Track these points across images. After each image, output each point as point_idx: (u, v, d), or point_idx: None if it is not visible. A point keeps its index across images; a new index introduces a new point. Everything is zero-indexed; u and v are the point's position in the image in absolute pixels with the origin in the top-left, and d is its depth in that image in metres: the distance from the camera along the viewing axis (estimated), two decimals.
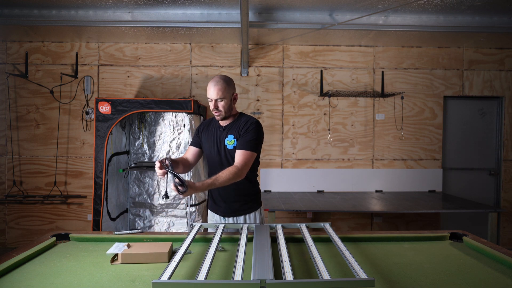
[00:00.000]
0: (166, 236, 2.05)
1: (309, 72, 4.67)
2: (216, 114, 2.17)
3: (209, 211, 2.40)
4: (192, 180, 3.73)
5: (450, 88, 4.72)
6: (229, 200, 2.25)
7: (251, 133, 2.15)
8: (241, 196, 2.26)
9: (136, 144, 4.47)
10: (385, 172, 4.71)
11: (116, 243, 1.84)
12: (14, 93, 4.52)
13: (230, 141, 2.20)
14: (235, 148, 2.17)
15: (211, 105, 2.16)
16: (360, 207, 3.79)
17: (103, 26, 3.93)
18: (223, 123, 2.25)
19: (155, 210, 4.42)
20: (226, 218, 2.29)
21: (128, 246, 1.78)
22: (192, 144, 2.37)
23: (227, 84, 2.14)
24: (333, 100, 4.68)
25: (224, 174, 1.99)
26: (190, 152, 2.35)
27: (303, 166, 4.69)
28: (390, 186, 4.70)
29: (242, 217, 2.28)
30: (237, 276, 1.32)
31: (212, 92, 2.12)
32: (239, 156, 2.11)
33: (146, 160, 4.44)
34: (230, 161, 2.17)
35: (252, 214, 2.30)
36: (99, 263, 1.67)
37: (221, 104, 2.14)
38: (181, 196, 1.82)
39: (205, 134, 2.32)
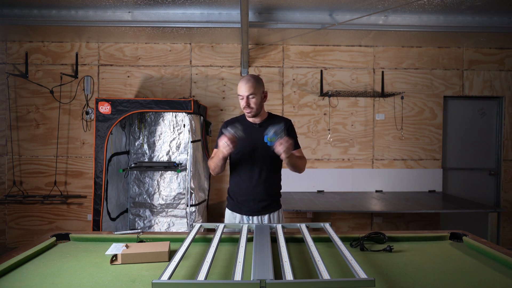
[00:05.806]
0: (166, 236, 2.04)
1: (309, 72, 4.67)
2: (248, 111, 2.22)
3: (228, 211, 2.38)
4: (192, 182, 3.75)
5: (450, 88, 4.72)
6: (257, 199, 2.27)
7: (295, 133, 2.39)
8: (270, 195, 2.31)
9: (136, 144, 4.47)
10: (385, 172, 4.71)
11: (114, 244, 1.82)
12: (14, 93, 4.52)
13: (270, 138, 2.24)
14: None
15: (242, 103, 2.20)
16: (360, 207, 3.79)
17: (103, 26, 3.93)
18: (256, 121, 2.29)
19: (155, 210, 4.43)
20: (250, 217, 2.30)
21: (127, 246, 1.77)
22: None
23: (257, 81, 2.21)
24: (333, 100, 4.68)
25: (301, 160, 2.29)
26: None
27: None
28: (390, 186, 4.70)
29: (266, 216, 2.31)
30: (237, 276, 1.32)
31: (244, 89, 2.17)
32: (298, 154, 2.35)
33: (146, 160, 4.45)
34: (267, 158, 2.25)
35: (276, 213, 2.34)
36: (99, 263, 1.67)
37: (252, 101, 2.19)
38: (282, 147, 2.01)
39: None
